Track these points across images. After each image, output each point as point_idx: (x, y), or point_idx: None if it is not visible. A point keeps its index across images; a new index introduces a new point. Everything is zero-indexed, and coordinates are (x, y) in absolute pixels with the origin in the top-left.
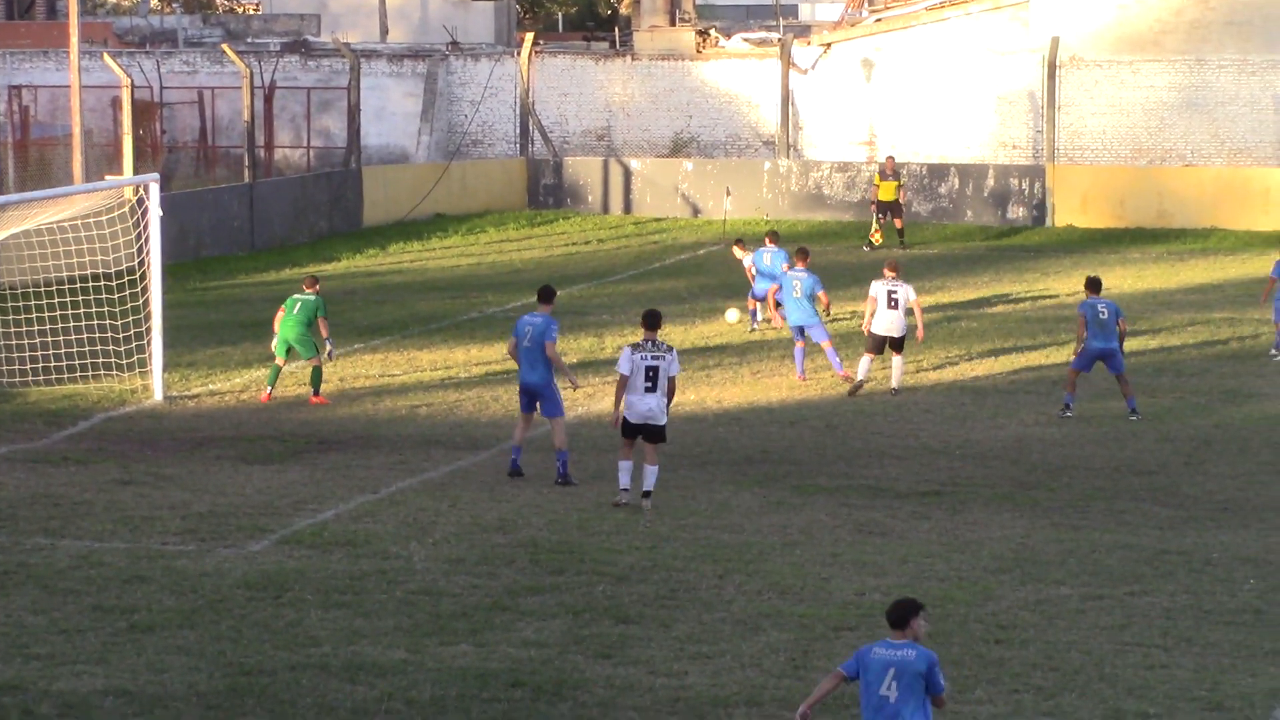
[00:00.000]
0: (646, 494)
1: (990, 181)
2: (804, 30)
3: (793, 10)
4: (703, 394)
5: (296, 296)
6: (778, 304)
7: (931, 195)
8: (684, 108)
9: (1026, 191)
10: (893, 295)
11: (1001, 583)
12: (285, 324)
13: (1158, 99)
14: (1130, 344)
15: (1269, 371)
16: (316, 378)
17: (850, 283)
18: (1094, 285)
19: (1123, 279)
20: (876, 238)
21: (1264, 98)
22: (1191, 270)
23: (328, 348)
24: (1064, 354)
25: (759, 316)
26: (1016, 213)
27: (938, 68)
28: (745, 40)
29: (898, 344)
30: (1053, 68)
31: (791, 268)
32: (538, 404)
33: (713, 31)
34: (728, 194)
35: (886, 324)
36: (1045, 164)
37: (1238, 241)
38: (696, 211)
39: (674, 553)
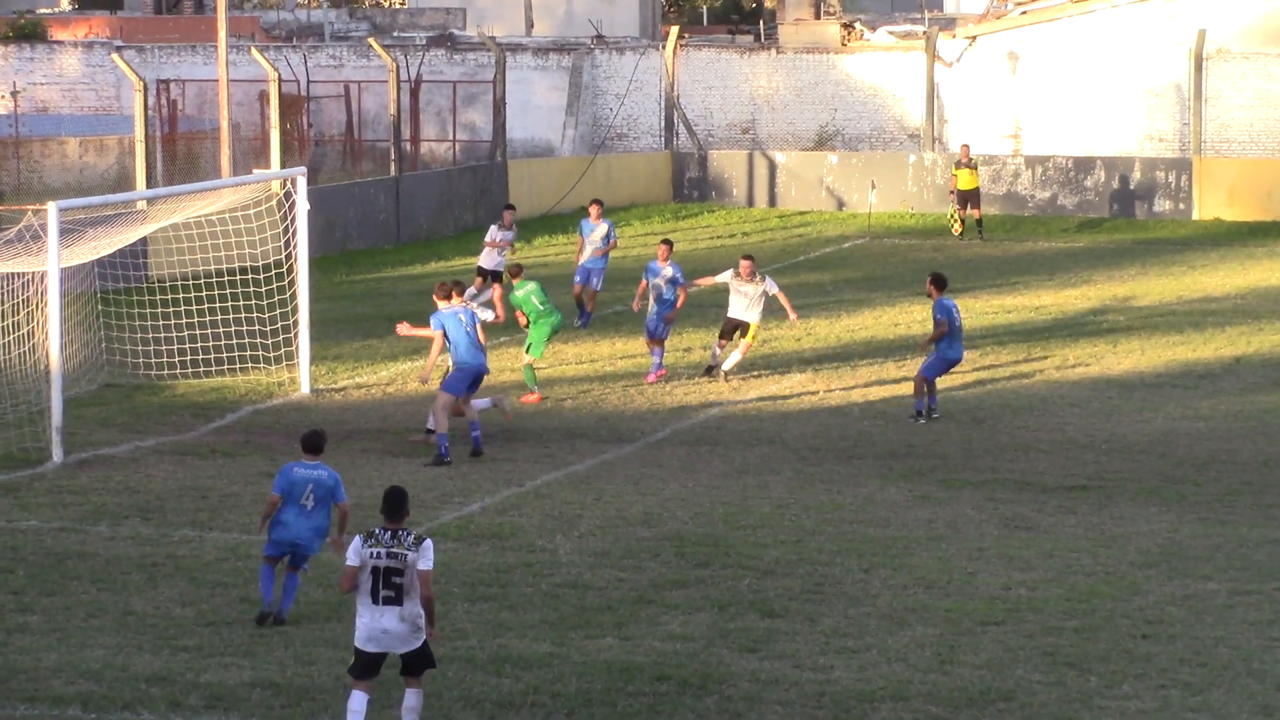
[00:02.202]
0: None
1: (1136, 175)
2: (949, 23)
3: (938, 3)
4: (849, 387)
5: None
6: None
7: (1077, 189)
8: (828, 101)
9: (1173, 185)
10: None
11: (1148, 578)
12: (540, 326)
13: None
14: (1278, 335)
15: None
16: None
17: (996, 275)
18: (939, 283)
19: (1271, 272)
20: (956, 228)
21: None
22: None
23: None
24: (1211, 348)
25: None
26: (1163, 206)
27: (1083, 60)
28: (890, 33)
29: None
30: (1199, 60)
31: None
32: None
33: (857, 24)
34: (873, 187)
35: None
36: (1191, 157)
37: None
38: (841, 205)
39: (819, 547)
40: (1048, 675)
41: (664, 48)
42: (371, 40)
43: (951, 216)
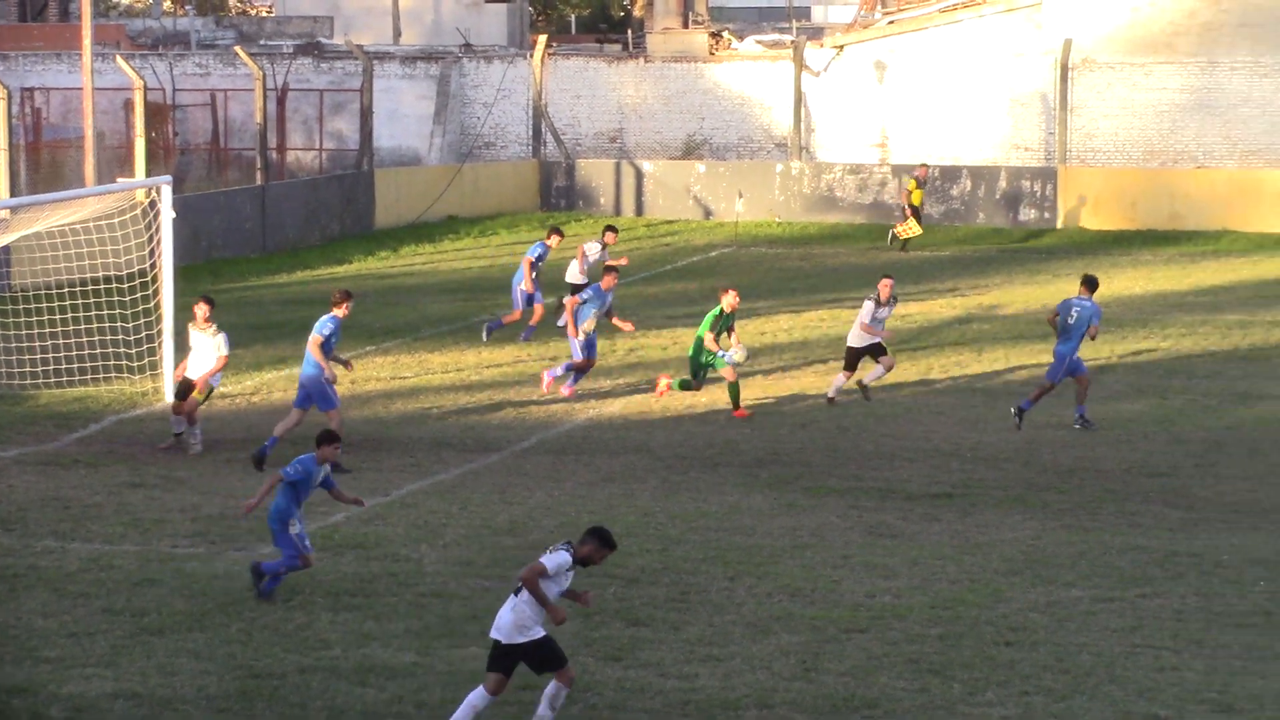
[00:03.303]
0: None
1: (1002, 184)
2: (817, 32)
3: (805, 12)
4: (714, 396)
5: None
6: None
7: (944, 197)
8: (696, 110)
9: (1038, 193)
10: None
11: (1012, 585)
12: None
13: (1170, 101)
14: (1142, 345)
15: (1279, 373)
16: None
17: (861, 284)
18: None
19: (1134, 281)
20: (903, 231)
21: (1276, 99)
22: (1203, 272)
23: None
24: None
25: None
26: (1028, 215)
27: (950, 70)
28: (758, 42)
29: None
30: (1065, 70)
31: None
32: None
33: (725, 34)
34: (740, 196)
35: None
36: (1057, 166)
37: (1249, 244)
38: (708, 214)
39: (685, 555)
40: (912, 682)
41: (532, 56)
42: (238, 49)
43: (904, 228)
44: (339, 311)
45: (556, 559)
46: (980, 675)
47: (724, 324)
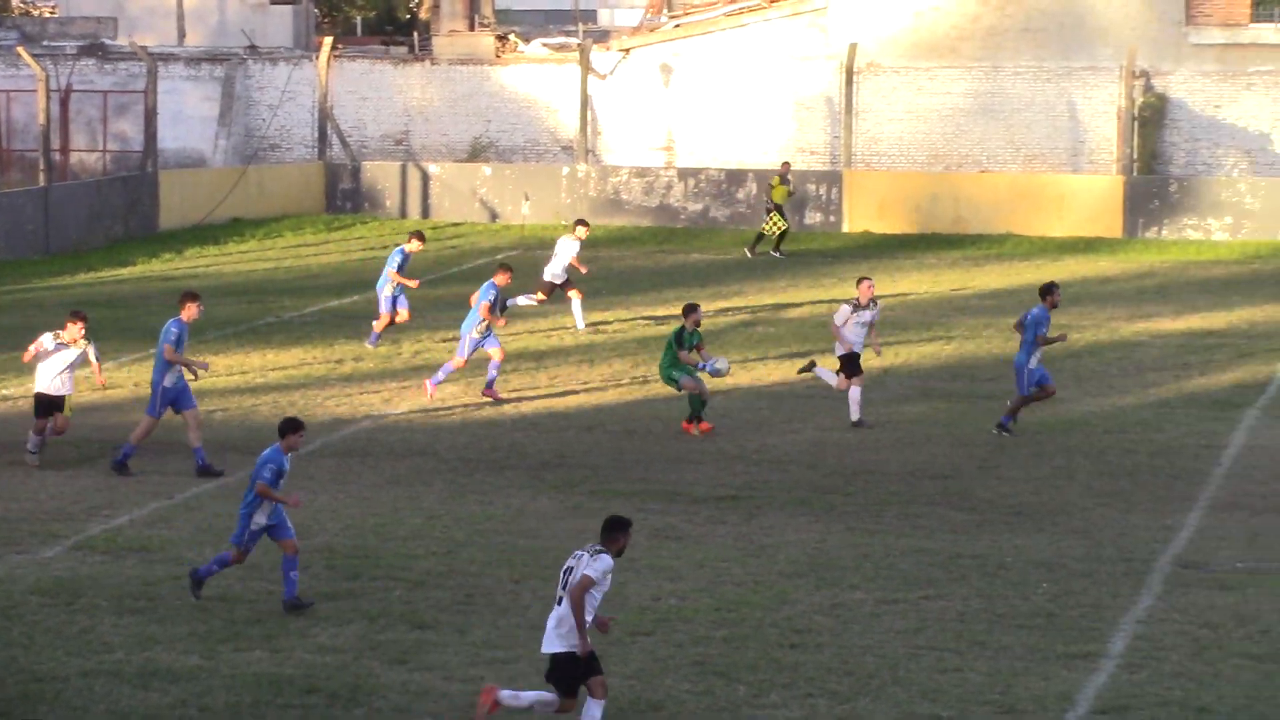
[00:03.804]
0: None
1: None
2: (603, 36)
3: (592, 16)
4: (504, 399)
5: None
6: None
7: (729, 201)
8: (483, 112)
9: (824, 197)
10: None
11: (797, 587)
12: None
13: (954, 105)
14: (926, 348)
15: (1064, 377)
16: None
17: (647, 287)
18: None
19: (919, 284)
20: (770, 229)
21: (1058, 104)
22: (987, 275)
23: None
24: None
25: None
26: (814, 218)
27: (736, 73)
28: (545, 45)
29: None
30: (850, 74)
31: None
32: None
33: (512, 36)
34: (526, 199)
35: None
36: (842, 170)
37: (1032, 247)
38: (495, 216)
39: (470, 558)
40: (696, 685)
41: (317, 58)
42: (20, 49)
43: (770, 225)
44: (185, 315)
45: (600, 565)
46: (765, 677)
47: (690, 340)
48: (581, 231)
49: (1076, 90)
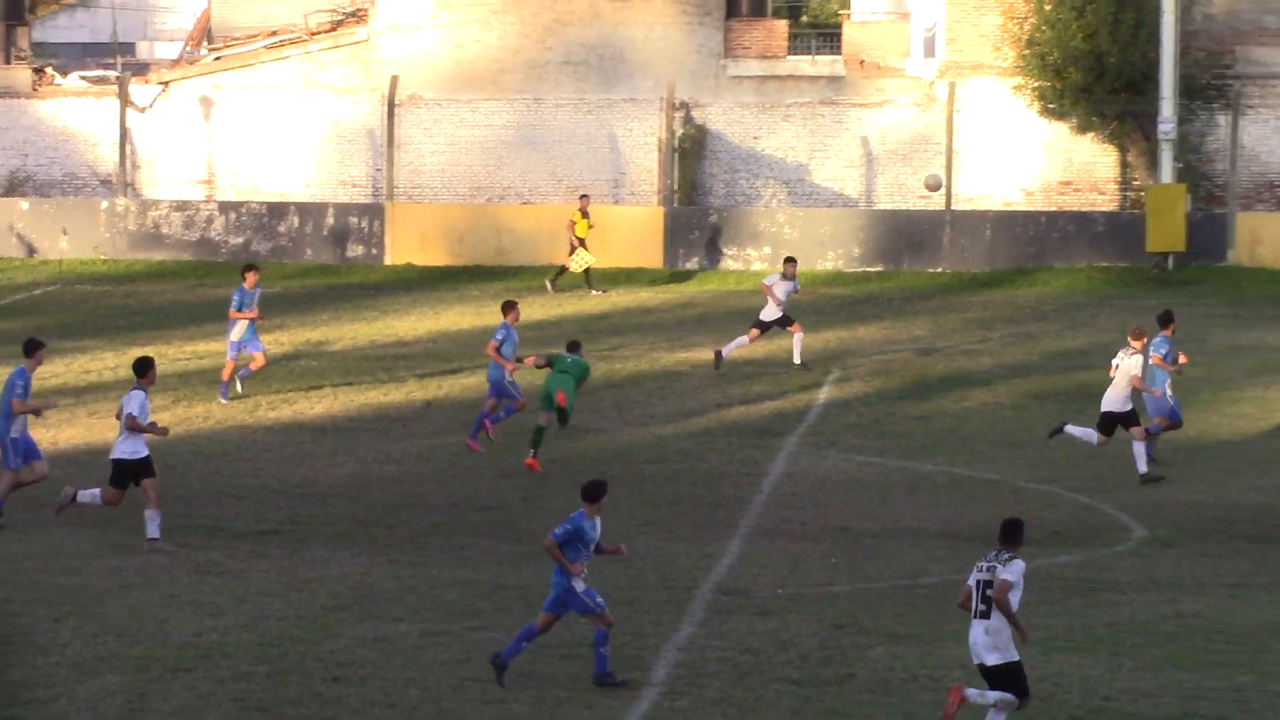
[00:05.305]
0: None
1: (330, 220)
2: (143, 68)
3: (131, 49)
4: (39, 435)
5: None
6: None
7: (271, 234)
8: (20, 146)
9: (366, 230)
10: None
11: (340, 620)
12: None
13: (496, 137)
14: (469, 380)
15: (605, 407)
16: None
17: (187, 322)
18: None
19: (461, 316)
20: (575, 265)
21: (599, 136)
22: (530, 307)
23: None
24: (403, 392)
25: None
26: (356, 251)
27: (277, 106)
28: (82, 78)
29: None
30: (391, 106)
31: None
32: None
33: (49, 69)
34: (64, 233)
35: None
36: (384, 202)
37: (576, 279)
38: (32, 251)
39: (8, 597)
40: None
41: None
42: None
43: (576, 261)
44: (31, 363)
45: (1015, 568)
46: (308, 712)
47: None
48: (789, 269)
49: (618, 122)
